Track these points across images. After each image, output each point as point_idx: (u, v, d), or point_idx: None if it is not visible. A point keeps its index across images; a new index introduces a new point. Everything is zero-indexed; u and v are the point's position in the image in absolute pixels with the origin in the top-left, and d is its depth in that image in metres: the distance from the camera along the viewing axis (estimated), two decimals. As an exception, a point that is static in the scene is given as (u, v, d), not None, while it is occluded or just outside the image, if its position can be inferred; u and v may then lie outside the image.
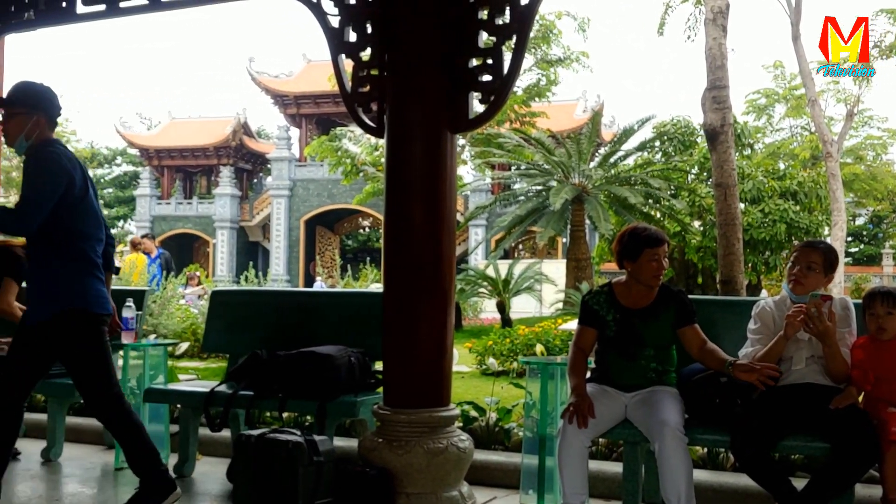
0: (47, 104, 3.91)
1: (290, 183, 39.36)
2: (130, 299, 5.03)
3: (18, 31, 5.47)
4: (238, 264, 39.48)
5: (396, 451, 3.85)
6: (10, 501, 4.32)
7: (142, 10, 4.97)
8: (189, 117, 45.86)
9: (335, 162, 24.28)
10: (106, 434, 5.42)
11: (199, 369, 8.03)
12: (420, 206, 4.02)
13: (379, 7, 4.20)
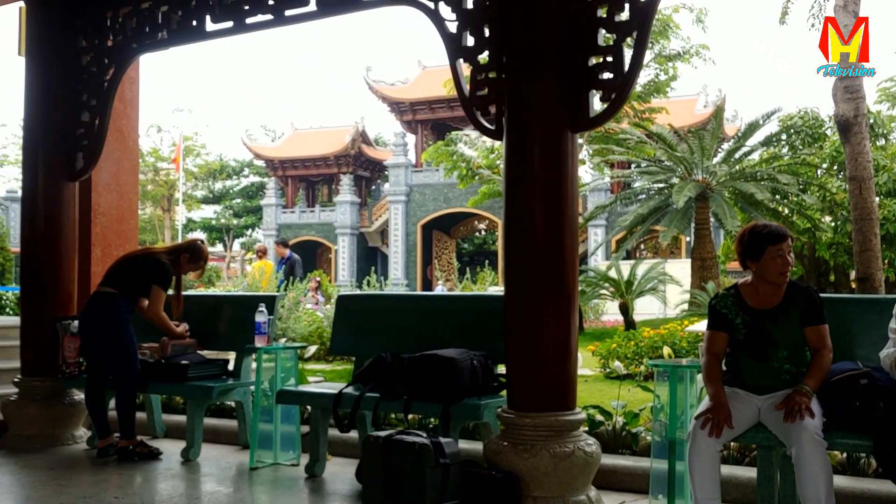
0: None
1: (407, 188, 39.92)
2: (263, 304, 5.21)
3: (153, 50, 5.77)
4: (358, 269, 40.31)
5: (522, 455, 3.84)
6: (153, 499, 4.54)
7: (266, 26, 5.14)
8: (310, 128, 47.18)
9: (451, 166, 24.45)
10: (241, 434, 5.63)
11: (326, 371, 8.23)
12: (541, 208, 3.99)
13: (496, 10, 4.20)
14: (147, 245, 31.50)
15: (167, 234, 44.90)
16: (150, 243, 39.80)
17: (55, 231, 5.92)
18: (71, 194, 6.02)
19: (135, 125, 7.18)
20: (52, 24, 5.92)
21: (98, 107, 5.79)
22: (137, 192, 7.39)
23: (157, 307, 5.49)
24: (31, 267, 5.99)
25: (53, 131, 5.89)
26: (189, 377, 5.34)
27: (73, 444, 5.76)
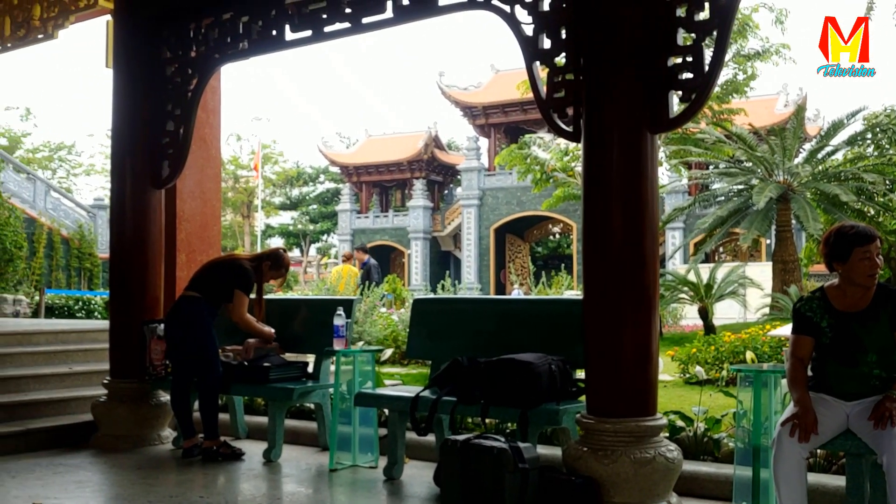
0: None
1: (480, 192, 39.92)
2: (341, 308, 5.28)
3: (234, 60, 5.91)
4: (431, 274, 40.47)
5: (602, 461, 3.81)
6: (236, 499, 4.65)
7: (344, 34, 5.22)
8: (384, 134, 47.63)
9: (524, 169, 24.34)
10: (320, 436, 5.71)
11: (402, 375, 8.29)
12: (620, 210, 3.96)
13: (573, 12, 4.18)
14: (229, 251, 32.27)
15: (247, 241, 45.90)
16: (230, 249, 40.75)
17: (142, 237, 6.10)
18: (157, 201, 6.20)
19: (217, 134, 7.37)
20: (138, 37, 6.12)
21: (182, 116, 5.95)
22: (220, 199, 7.57)
23: (241, 311, 5.62)
24: (120, 272, 6.18)
25: (140, 140, 6.08)
26: (270, 379, 5.45)
27: (160, 445, 5.93)
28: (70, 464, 5.32)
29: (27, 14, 8.19)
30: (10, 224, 14.92)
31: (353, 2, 5.10)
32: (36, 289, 17.15)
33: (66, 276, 21.67)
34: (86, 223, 23.23)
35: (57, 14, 8.03)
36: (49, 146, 46.84)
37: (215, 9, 5.75)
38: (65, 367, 7.00)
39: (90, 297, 17.33)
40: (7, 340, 7.19)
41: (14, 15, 8.32)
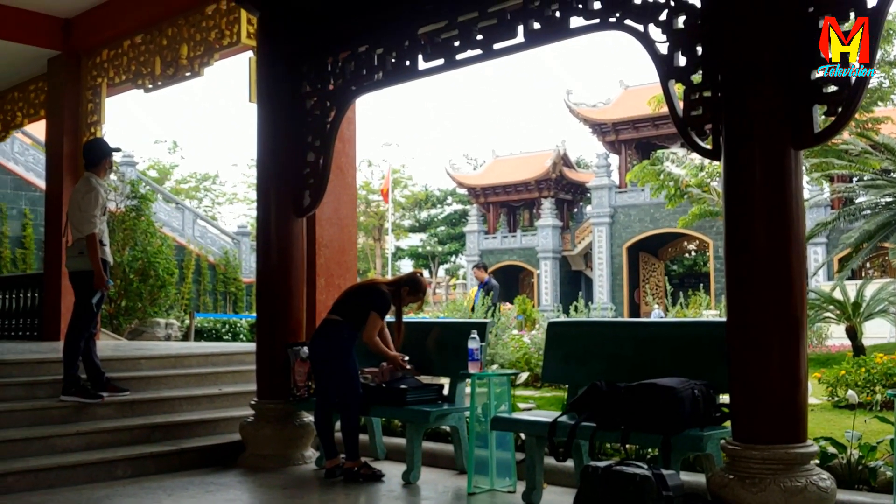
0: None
1: (611, 210, 39.37)
2: (475, 331, 5.32)
3: (369, 91, 6.08)
4: (561, 294, 40.13)
5: (750, 489, 3.68)
6: (378, 519, 4.73)
7: (476, 60, 5.29)
8: (511, 154, 47.80)
9: (658, 186, 23.89)
10: (457, 459, 5.75)
11: (536, 398, 8.25)
12: (764, 230, 3.84)
13: (709, 28, 4.10)
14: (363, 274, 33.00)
15: (378, 263, 46.91)
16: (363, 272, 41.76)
17: (286, 263, 6.34)
18: (299, 229, 6.44)
19: (352, 162, 7.60)
20: (279, 72, 6.39)
21: (322, 147, 6.17)
22: (356, 224, 7.79)
23: (371, 332, 5.76)
24: (266, 296, 6.44)
25: (283, 171, 6.34)
26: (407, 401, 5.54)
27: (304, 465, 6.11)
28: (220, 482, 5.55)
29: (175, 53, 8.70)
30: (162, 252, 15.83)
31: (484, 29, 5.18)
32: (186, 313, 18.08)
33: (213, 300, 22.76)
34: (230, 249, 24.35)
35: (202, 52, 8.49)
36: (195, 177, 49.40)
37: (351, 43, 5.94)
38: (215, 388, 7.33)
39: (236, 321, 18.13)
40: (162, 363, 7.61)
41: (164, 55, 8.86)
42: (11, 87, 11.04)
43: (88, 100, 9.83)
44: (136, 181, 17.85)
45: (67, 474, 5.49)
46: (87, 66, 9.82)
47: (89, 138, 9.11)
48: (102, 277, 6.38)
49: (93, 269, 6.34)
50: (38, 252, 17.56)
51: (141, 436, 6.21)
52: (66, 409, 6.19)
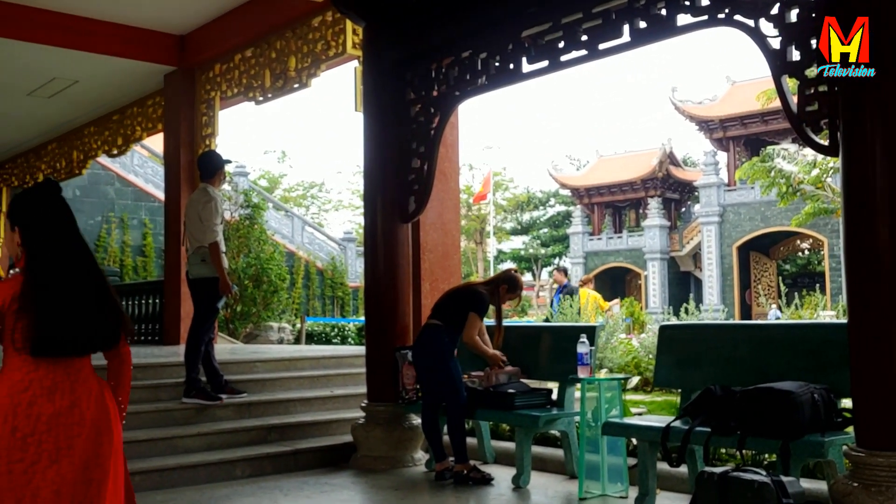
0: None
1: (720, 209, 38.33)
2: (584, 335, 5.27)
3: (472, 95, 6.12)
4: (670, 295, 39.30)
5: (876, 497, 3.53)
6: (488, 522, 4.74)
7: (580, 61, 5.26)
8: (615, 154, 47.16)
9: (768, 183, 23.09)
10: (567, 464, 5.71)
11: (646, 402, 8.11)
12: (886, 227, 3.67)
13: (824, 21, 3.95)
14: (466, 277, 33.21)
15: (480, 266, 47.03)
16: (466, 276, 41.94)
17: (393, 269, 6.44)
18: (405, 234, 6.53)
19: (455, 167, 7.65)
20: (383, 81, 6.50)
21: (426, 153, 6.24)
22: (459, 229, 7.84)
23: (471, 332, 5.80)
24: (374, 301, 6.56)
25: (388, 178, 6.44)
26: (516, 406, 5.54)
27: (413, 466, 6.19)
28: (334, 483, 5.68)
29: (284, 66, 8.95)
30: (274, 259, 16.33)
31: (588, 29, 5.13)
32: (297, 317, 18.58)
33: (321, 305, 23.30)
34: (337, 255, 24.89)
35: (310, 64, 8.71)
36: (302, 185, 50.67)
37: (455, 48, 5.99)
38: (326, 390, 7.51)
39: (344, 324, 18.51)
40: (276, 366, 7.85)
41: (273, 67, 9.13)
42: (131, 102, 11.58)
43: (203, 113, 10.22)
44: (248, 191, 18.47)
45: (189, 474, 5.72)
46: (201, 81, 10.21)
47: (204, 150, 9.47)
48: (228, 283, 6.62)
49: (217, 275, 6.59)
50: (157, 260, 18.37)
51: (258, 437, 6.41)
52: (188, 410, 6.45)
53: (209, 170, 6.95)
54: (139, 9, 9.27)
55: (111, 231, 18.09)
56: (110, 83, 10.81)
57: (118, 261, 17.98)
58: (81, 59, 9.77)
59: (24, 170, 15.08)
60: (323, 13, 8.36)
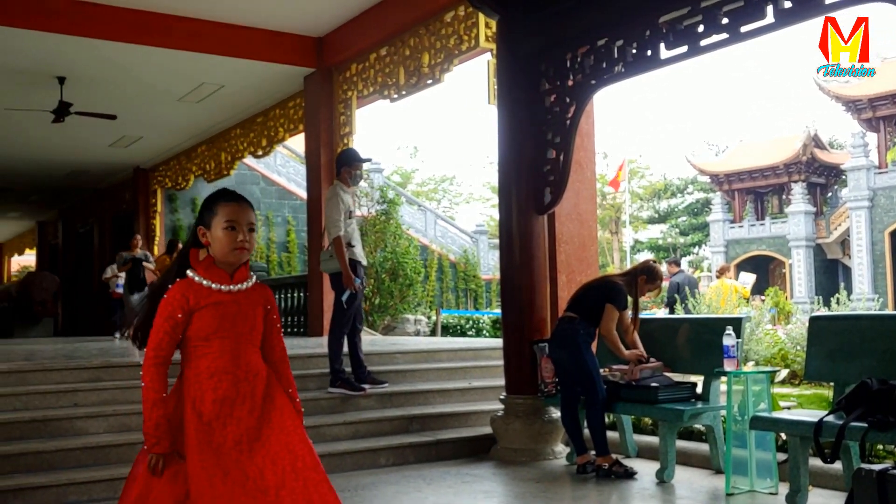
0: None
1: (870, 193, 36.24)
2: (730, 327, 5.12)
3: (609, 84, 6.03)
4: (816, 284, 37.54)
5: None
6: (632, 517, 4.69)
7: (721, 45, 5.09)
8: (755, 138, 45.39)
9: (925, 165, 21.67)
10: (713, 459, 5.56)
11: (796, 396, 7.79)
12: None
13: None
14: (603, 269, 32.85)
15: (616, 257, 46.31)
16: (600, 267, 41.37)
17: (529, 260, 6.44)
18: (541, 226, 6.52)
19: (591, 156, 7.56)
20: (518, 72, 6.50)
21: (561, 144, 6.20)
22: (596, 219, 7.74)
23: (608, 325, 5.73)
24: (510, 294, 6.58)
25: (524, 169, 6.44)
26: (659, 399, 5.44)
27: (554, 459, 6.17)
28: (475, 474, 5.74)
29: (418, 62, 9.10)
30: (409, 253, 16.64)
31: (730, 12, 4.96)
32: (431, 309, 18.85)
33: (455, 297, 23.53)
34: (469, 248, 25.06)
35: (443, 59, 8.81)
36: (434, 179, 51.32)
37: (590, 37, 5.93)
38: (464, 382, 7.60)
39: (478, 317, 18.64)
40: (415, 358, 8.00)
41: (407, 65, 9.30)
42: (273, 104, 12.06)
43: (341, 112, 10.53)
44: (384, 187, 18.86)
45: (336, 461, 5.91)
46: (339, 81, 10.51)
47: (342, 149, 9.75)
48: (350, 277, 6.77)
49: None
50: (300, 255, 19.03)
51: (400, 426, 6.56)
52: (333, 400, 6.68)
53: (337, 168, 7.19)
54: (279, 13, 9.65)
55: (257, 229, 18.90)
56: (254, 86, 11.29)
57: (264, 257, 18.75)
58: (227, 64, 10.25)
59: (176, 172, 15.95)
60: (455, 8, 8.44)
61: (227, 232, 2.85)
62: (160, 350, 2.77)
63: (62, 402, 6.10)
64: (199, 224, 2.91)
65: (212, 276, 2.84)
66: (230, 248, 2.85)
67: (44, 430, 5.67)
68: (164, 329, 2.78)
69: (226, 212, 2.87)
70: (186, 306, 2.78)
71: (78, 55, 9.86)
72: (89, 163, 16.64)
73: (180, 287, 2.83)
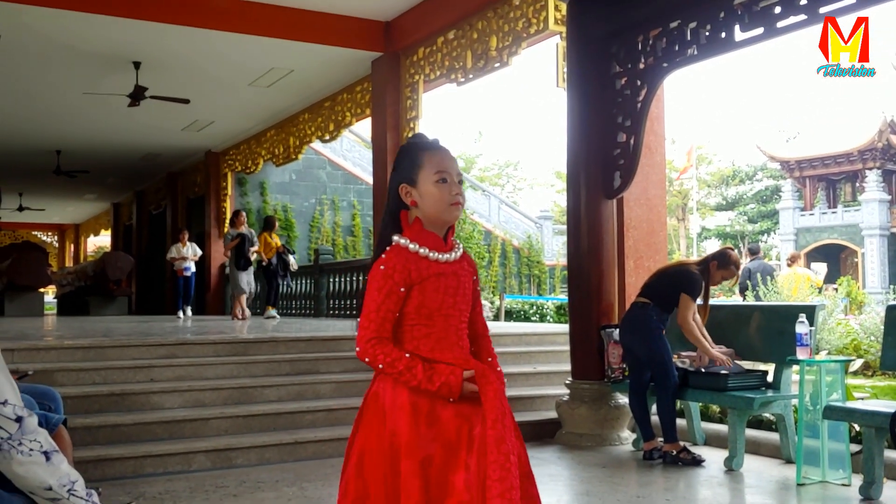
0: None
1: (951, 180, 34.98)
2: (803, 315, 5.02)
3: (681, 67, 5.94)
4: (891, 274, 36.44)
5: None
6: None
7: (799, 27, 4.96)
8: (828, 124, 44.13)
9: None
10: (783, 448, 5.48)
11: (870, 387, 7.61)
12: None
13: None
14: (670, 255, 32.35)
15: (682, 244, 45.61)
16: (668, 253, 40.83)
17: (597, 245, 6.40)
18: (609, 211, 6.47)
19: (661, 140, 7.46)
20: (588, 55, 6.45)
21: (632, 127, 6.14)
22: (665, 205, 7.64)
23: (685, 314, 5.65)
24: (578, 279, 6.55)
25: (593, 154, 6.39)
26: (729, 387, 5.37)
27: (620, 445, 6.15)
28: (541, 457, 5.75)
29: (485, 46, 9.07)
30: (473, 238, 16.68)
31: (809, -9, 4.84)
32: (494, 294, 18.86)
33: (518, 283, 23.51)
34: (533, 233, 24.98)
35: (510, 42, 8.77)
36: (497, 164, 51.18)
37: (662, 19, 5.84)
38: (529, 367, 7.61)
39: (542, 302, 18.60)
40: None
41: (474, 48, 9.28)
42: (341, 89, 12.16)
43: (407, 97, 10.56)
44: (448, 171, 18.87)
45: (402, 441, 5.97)
46: (406, 65, 10.55)
47: (408, 133, 9.79)
48: None
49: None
50: (364, 239, 19.23)
51: (465, 409, 6.59)
52: (399, 382, 6.74)
53: None
54: (348, -2, 9.72)
55: (323, 212, 19.12)
56: (322, 71, 11.40)
57: (330, 240, 18.99)
58: (296, 49, 10.37)
59: (246, 156, 16.23)
60: (523, -10, 8.39)
61: (440, 185, 2.38)
62: (383, 332, 2.32)
63: (139, 378, 6.30)
64: (400, 181, 2.43)
65: (426, 242, 2.38)
66: (447, 203, 2.38)
67: (121, 403, 5.86)
68: (385, 307, 2.32)
69: (435, 161, 2.40)
70: (409, 279, 2.34)
71: (153, 40, 10.08)
72: (163, 146, 17.04)
73: (398, 256, 2.36)
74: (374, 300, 2.33)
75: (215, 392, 6.20)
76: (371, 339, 2.31)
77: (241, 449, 5.54)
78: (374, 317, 2.32)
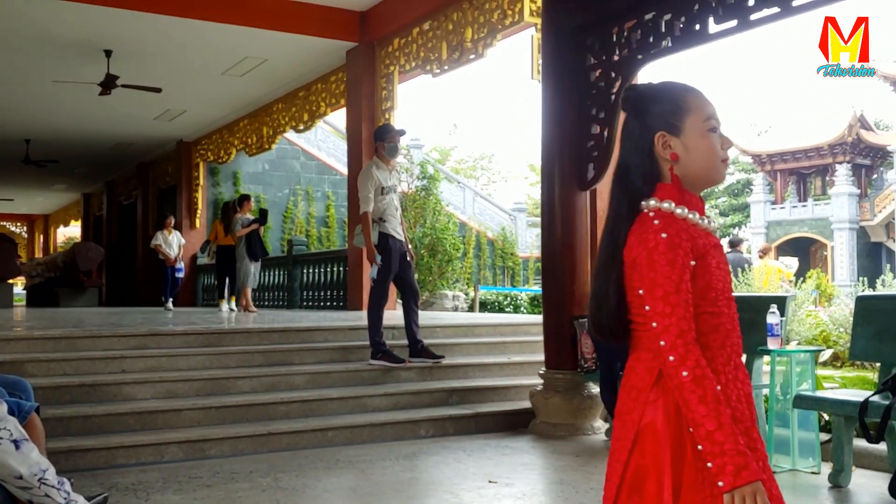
0: None
1: (918, 175, 35.52)
2: (774, 305, 5.08)
3: (655, 59, 5.96)
4: (859, 267, 36.90)
5: None
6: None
7: (772, 20, 5.01)
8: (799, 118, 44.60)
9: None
10: None
11: (841, 377, 7.71)
12: None
13: None
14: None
15: (654, 236, 45.82)
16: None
17: (571, 237, 6.43)
18: (583, 203, 6.49)
19: (634, 132, 7.49)
20: (563, 47, 6.45)
21: (606, 119, 6.16)
22: (638, 196, 7.67)
23: None
24: (552, 270, 6.57)
25: (567, 145, 6.41)
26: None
27: (593, 434, 6.19)
28: (514, 446, 5.79)
29: (460, 37, 9.07)
30: (448, 229, 16.69)
31: (782, -15, 4.88)
32: (469, 285, 18.90)
33: (492, 274, 23.57)
34: (507, 225, 25.03)
35: (486, 34, 8.79)
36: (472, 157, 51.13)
37: (637, 11, 5.86)
38: (503, 357, 7.63)
39: (517, 294, 18.65)
40: (455, 332, 8.05)
41: (449, 40, 9.28)
42: (315, 78, 12.10)
43: (382, 87, 10.54)
44: (424, 162, 18.87)
45: (377, 431, 5.99)
46: (381, 56, 10.52)
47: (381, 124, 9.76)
48: (372, 252, 6.76)
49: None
50: (339, 230, 19.17)
51: (440, 399, 6.62)
52: (374, 372, 6.75)
53: (373, 142, 7.21)
54: (323, -13, 9.66)
55: (297, 203, 19.04)
56: (297, 61, 11.35)
57: (304, 231, 18.92)
58: (270, 38, 10.31)
59: (218, 145, 16.11)
60: (500, -18, 8.39)
61: (712, 136, 1.87)
62: (685, 321, 1.72)
63: (111, 368, 6.24)
64: (657, 128, 1.85)
65: (695, 206, 1.87)
66: (719, 159, 1.89)
67: (93, 394, 5.81)
68: (685, 286, 1.74)
69: (707, 108, 1.88)
70: (695, 251, 1.78)
71: (125, 28, 9.97)
72: (134, 136, 16.87)
73: (672, 221, 1.79)
74: (667, 277, 1.72)
75: (188, 383, 6.16)
76: (686, 331, 1.72)
77: (214, 440, 5.52)
78: (674, 300, 1.72)
